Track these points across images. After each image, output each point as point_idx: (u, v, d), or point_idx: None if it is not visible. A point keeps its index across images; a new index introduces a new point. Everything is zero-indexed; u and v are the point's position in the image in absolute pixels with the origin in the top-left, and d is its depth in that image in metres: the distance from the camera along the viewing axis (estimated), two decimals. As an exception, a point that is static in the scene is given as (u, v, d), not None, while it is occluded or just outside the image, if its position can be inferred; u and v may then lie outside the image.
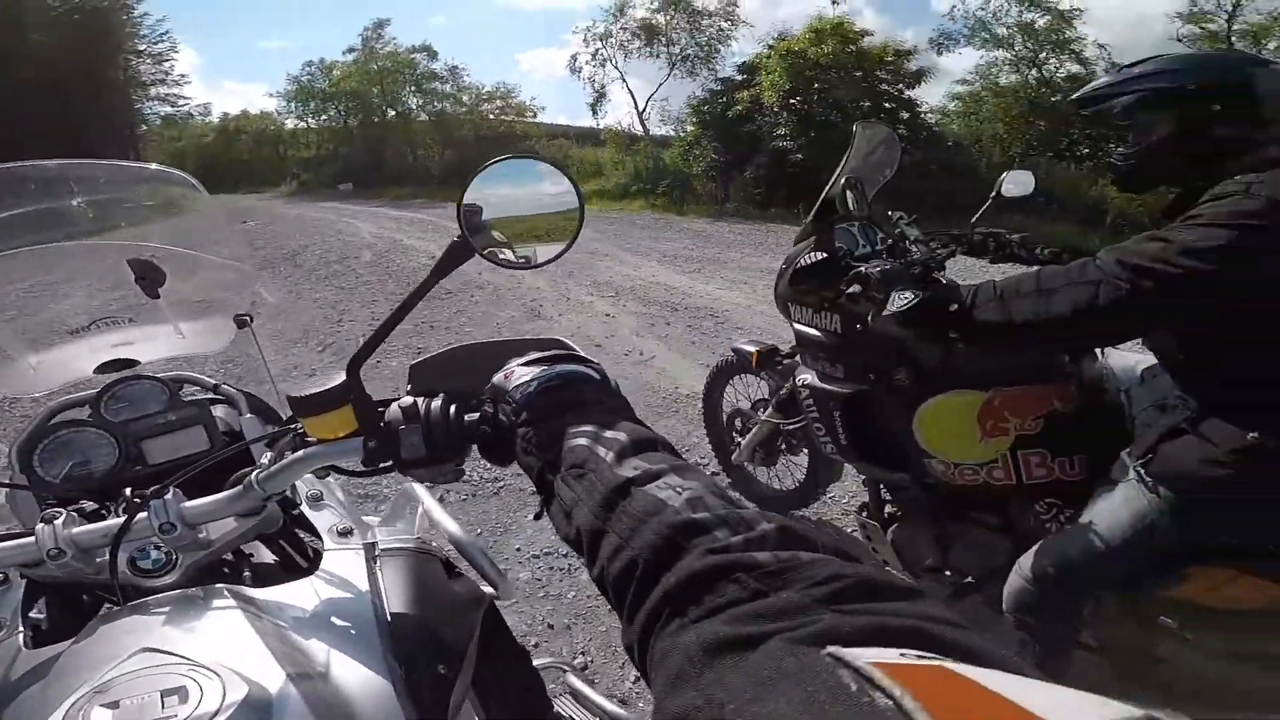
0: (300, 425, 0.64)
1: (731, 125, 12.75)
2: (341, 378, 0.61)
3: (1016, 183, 1.84)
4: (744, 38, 15.65)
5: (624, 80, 16.42)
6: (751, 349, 2.17)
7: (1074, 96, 1.40)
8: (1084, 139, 11.58)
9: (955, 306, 1.20)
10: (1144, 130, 1.28)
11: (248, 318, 1.10)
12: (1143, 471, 1.24)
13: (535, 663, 0.85)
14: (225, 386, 1.04)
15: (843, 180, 1.60)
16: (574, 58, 16.50)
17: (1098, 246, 1.17)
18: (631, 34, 15.52)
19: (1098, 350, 1.58)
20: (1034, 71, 12.66)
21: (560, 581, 2.15)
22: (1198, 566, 1.28)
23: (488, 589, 0.78)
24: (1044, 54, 12.51)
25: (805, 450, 2.26)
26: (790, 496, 2.41)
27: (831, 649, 0.25)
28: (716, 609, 0.32)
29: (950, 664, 0.24)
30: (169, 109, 25.13)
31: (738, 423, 2.48)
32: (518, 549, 2.31)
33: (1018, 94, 12.46)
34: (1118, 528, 1.25)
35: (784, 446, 2.31)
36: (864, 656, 0.23)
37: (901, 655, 0.25)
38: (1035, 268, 1.57)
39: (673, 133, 15.18)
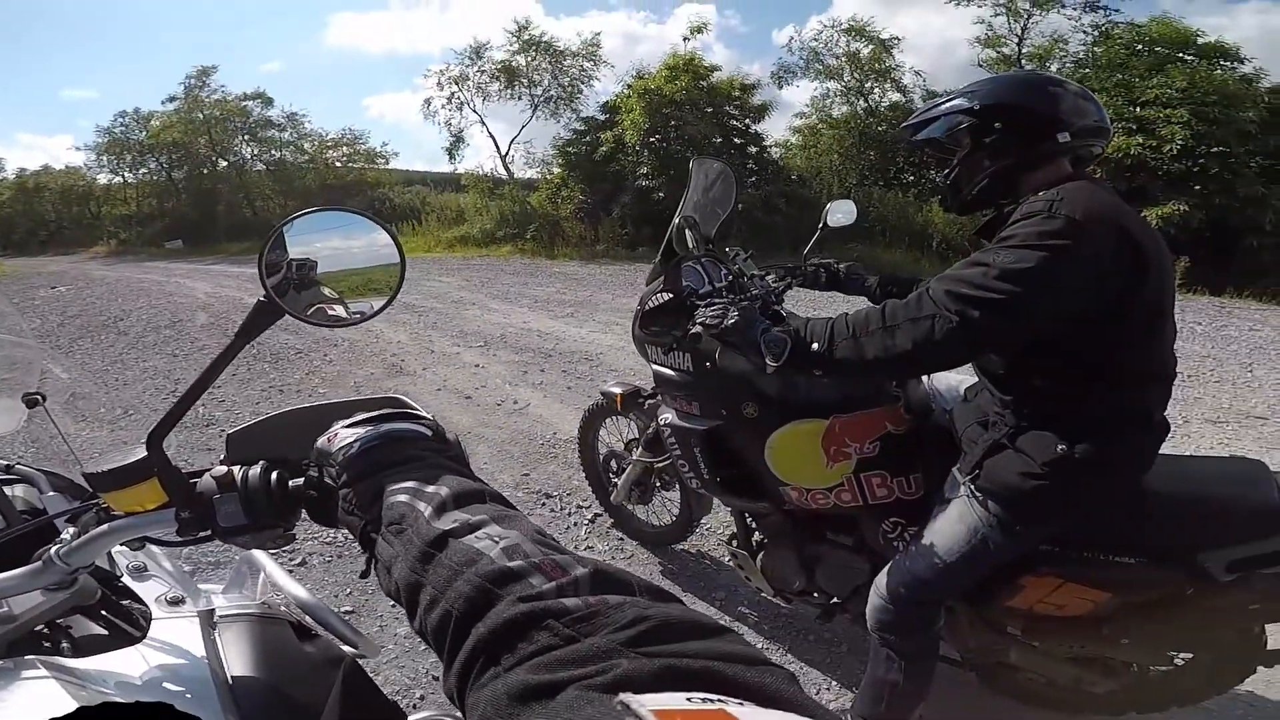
0: (103, 500, 0.64)
1: (597, 166, 12.84)
2: (143, 451, 0.60)
3: (841, 212, 1.93)
4: (605, 77, 15.98)
5: (484, 123, 16.16)
6: (617, 391, 2.17)
7: (902, 125, 1.47)
8: (908, 166, 12.72)
9: (816, 346, 1.24)
10: (953, 153, 1.37)
11: (39, 396, 1.03)
12: (972, 487, 1.31)
13: (413, 718, 0.82)
14: (21, 466, 0.98)
15: (676, 219, 1.63)
16: (428, 102, 15.98)
17: (923, 270, 1.23)
18: (490, 76, 15.33)
19: None
20: (862, 101, 13.52)
21: (444, 633, 2.05)
22: (1030, 576, 1.36)
23: (349, 649, 0.77)
24: (869, 83, 13.38)
25: (678, 486, 2.27)
26: (668, 532, 2.42)
27: (623, 696, 0.26)
28: (526, 657, 0.32)
29: (732, 707, 0.25)
30: (-50, 166, 21.81)
31: (613, 464, 2.48)
32: (392, 605, 2.15)
33: (849, 124, 13.22)
34: (955, 543, 1.31)
35: (658, 483, 2.32)
36: (651, 704, 0.25)
37: (688, 700, 0.26)
38: (870, 300, 1.65)
39: (538, 175, 15.08)
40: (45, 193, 22.75)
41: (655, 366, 1.85)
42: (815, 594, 1.73)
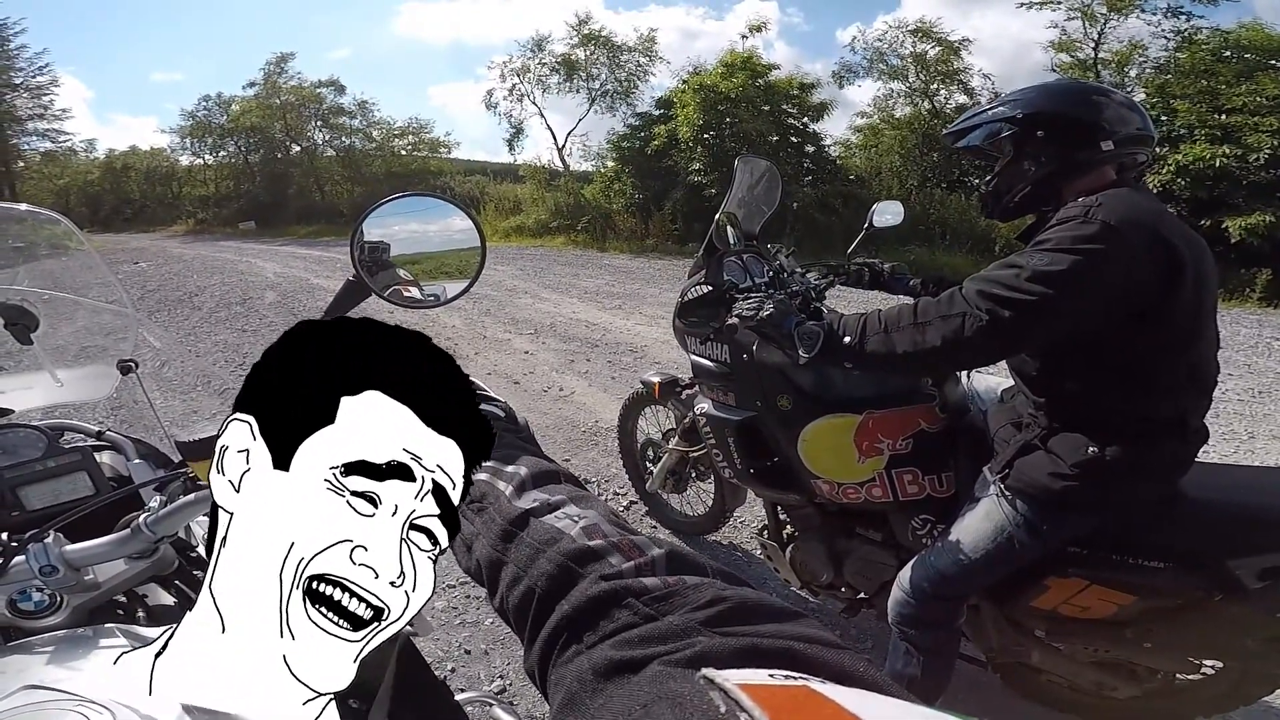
0: (191, 469, 0.65)
1: (650, 160, 12.88)
2: None
3: (889, 213, 1.95)
4: (661, 73, 15.97)
5: (543, 115, 16.33)
6: (656, 380, 2.22)
7: (945, 132, 1.48)
8: (973, 170, 12.26)
9: (848, 339, 1.27)
10: (995, 159, 1.38)
11: (132, 363, 1.05)
12: (1002, 486, 1.32)
13: (458, 697, 0.84)
14: (110, 433, 1.00)
15: (719, 216, 1.67)
16: (490, 93, 16.30)
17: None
18: (550, 68, 15.54)
19: (961, 373, 1.68)
20: (926, 103, 13.10)
21: (477, 609, 2.17)
22: (1055, 577, 1.36)
23: (405, 626, 0.79)
24: (935, 85, 12.98)
25: (712, 476, 2.31)
26: (700, 521, 2.45)
27: (706, 671, 0.26)
28: (609, 634, 0.33)
29: (815, 684, 0.25)
30: (50, 145, 23.26)
31: (650, 452, 2.52)
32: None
33: (912, 126, 12.87)
34: (981, 540, 1.32)
35: (693, 473, 2.35)
36: (735, 678, 0.24)
37: (770, 676, 0.26)
38: (913, 300, 1.68)
39: (593, 168, 15.22)
40: (132, 172, 24.00)
41: (693, 357, 1.89)
42: (842, 589, 1.75)
